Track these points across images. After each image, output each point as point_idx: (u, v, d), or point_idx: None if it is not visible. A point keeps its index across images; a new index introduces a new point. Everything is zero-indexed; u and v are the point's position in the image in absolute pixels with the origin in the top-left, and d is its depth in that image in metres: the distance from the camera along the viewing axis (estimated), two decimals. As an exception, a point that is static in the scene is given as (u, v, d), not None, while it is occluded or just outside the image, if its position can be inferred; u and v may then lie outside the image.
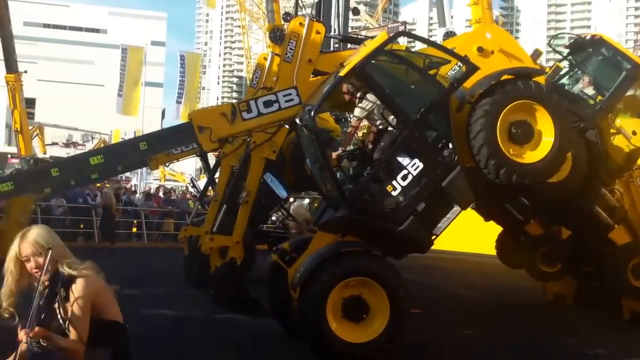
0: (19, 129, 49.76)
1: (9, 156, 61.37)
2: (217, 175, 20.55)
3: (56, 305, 4.97)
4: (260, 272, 16.17)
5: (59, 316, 4.99)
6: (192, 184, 35.18)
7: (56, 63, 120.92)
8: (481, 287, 22.06)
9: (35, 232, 4.98)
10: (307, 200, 29.63)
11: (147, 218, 32.80)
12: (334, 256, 11.55)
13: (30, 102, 74.13)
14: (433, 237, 11.74)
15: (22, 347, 4.62)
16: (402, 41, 14.34)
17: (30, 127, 54.86)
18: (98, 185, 35.71)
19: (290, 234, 21.21)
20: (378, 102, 11.97)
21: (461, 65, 12.13)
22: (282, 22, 44.13)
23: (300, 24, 15.20)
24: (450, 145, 11.41)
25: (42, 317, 4.86)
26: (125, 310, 5.19)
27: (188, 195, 38.46)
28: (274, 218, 28.37)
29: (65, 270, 4.94)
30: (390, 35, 12.03)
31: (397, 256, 12.32)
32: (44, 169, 14.45)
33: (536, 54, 14.28)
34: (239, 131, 13.87)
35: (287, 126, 14.39)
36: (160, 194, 37.73)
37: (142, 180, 60.84)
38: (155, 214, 33.82)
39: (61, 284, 4.91)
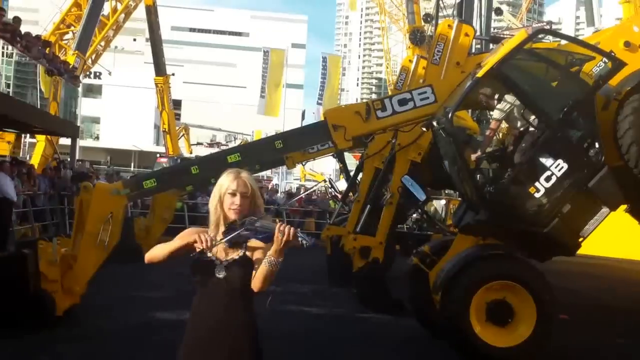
0: (166, 130, 51.73)
1: (158, 155, 63.57)
2: (357, 175, 20.64)
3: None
4: (399, 273, 16.07)
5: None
6: (329, 185, 35.38)
7: (201, 66, 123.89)
8: (635, 296, 21.22)
9: (249, 176, 5.02)
10: (443, 202, 29.30)
11: (289, 217, 33.15)
12: (475, 260, 11.43)
13: (177, 104, 76.25)
14: (580, 240, 11.30)
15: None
16: (550, 39, 13.88)
17: (177, 128, 56.55)
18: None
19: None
20: (517, 102, 11.71)
21: (606, 61, 11.67)
22: (423, 23, 44.26)
23: (449, 26, 14.96)
24: (597, 145, 10.98)
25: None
26: (269, 308, 5.19)
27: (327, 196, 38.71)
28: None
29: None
30: (529, 33, 11.73)
31: (541, 259, 12.02)
32: (184, 167, 14.76)
33: None
34: (373, 129, 13.73)
35: (424, 129, 14.23)
36: (302, 193, 38.14)
37: (283, 180, 61.63)
38: (297, 214, 34.17)
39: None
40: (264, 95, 62.71)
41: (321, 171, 63.91)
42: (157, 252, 4.95)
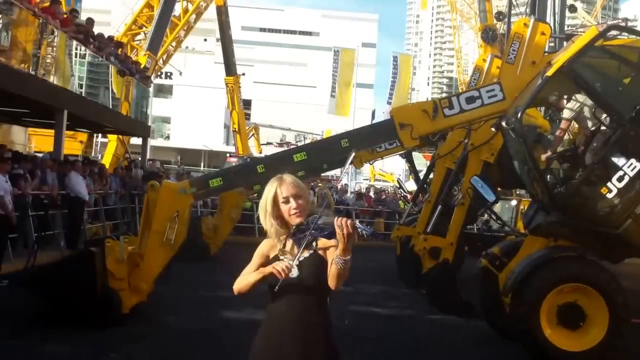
0: (236, 129, 52.05)
1: (227, 155, 63.94)
2: (428, 176, 20.49)
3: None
4: (467, 274, 15.91)
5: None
6: (398, 185, 35.25)
7: (271, 65, 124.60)
8: None
9: (292, 177, 4.95)
10: (514, 202, 28.90)
11: (358, 217, 33.08)
12: (546, 262, 11.24)
13: (247, 103, 76.62)
14: None
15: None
16: (627, 36, 13.53)
17: (246, 127, 56.90)
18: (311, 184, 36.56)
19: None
20: (587, 101, 11.46)
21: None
22: (494, 21, 43.74)
23: (525, 24, 14.70)
24: None
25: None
26: (338, 307, 5.11)
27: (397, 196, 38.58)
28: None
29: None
30: (600, 30, 11.45)
31: (614, 261, 11.76)
32: (251, 166, 14.81)
33: None
34: (440, 128, 13.57)
35: (493, 129, 14.01)
36: (371, 193, 38.06)
37: (352, 180, 61.58)
38: (367, 214, 34.10)
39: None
40: (334, 95, 62.76)
41: (391, 171, 63.80)
42: (242, 286, 4.87)
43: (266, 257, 4.87)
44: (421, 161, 33.62)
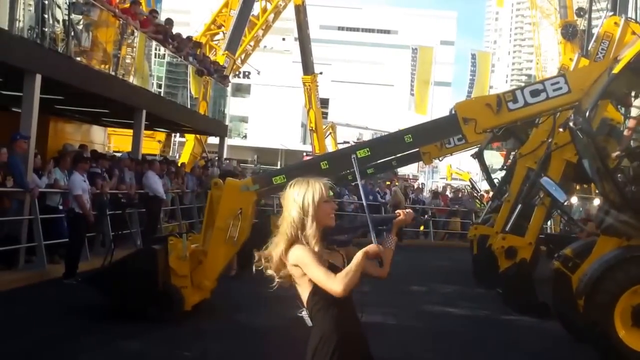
0: (313, 128, 52.15)
1: (304, 154, 64.09)
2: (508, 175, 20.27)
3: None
4: (543, 275, 15.72)
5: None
6: (471, 185, 34.98)
7: (349, 64, 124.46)
8: None
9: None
10: (597, 201, 28.38)
11: (434, 216, 32.95)
12: (619, 262, 11.04)
13: (324, 102, 76.78)
14: None
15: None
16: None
17: (323, 126, 56.98)
18: (388, 183, 36.46)
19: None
20: None
21: None
22: (575, 17, 42.99)
23: (615, 23, 14.43)
24: None
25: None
26: (413, 307, 5.09)
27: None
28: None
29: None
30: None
31: None
32: (314, 162, 14.74)
33: None
34: (505, 122, 13.31)
35: (561, 129, 13.81)
36: (448, 192, 37.82)
37: (429, 179, 61.33)
38: (443, 213, 33.94)
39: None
40: (413, 93, 62.53)
41: (467, 170, 63.23)
42: (351, 280, 4.61)
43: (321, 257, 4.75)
44: (498, 159, 33.20)
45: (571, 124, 11.96)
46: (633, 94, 11.90)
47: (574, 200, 23.35)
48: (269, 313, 13.65)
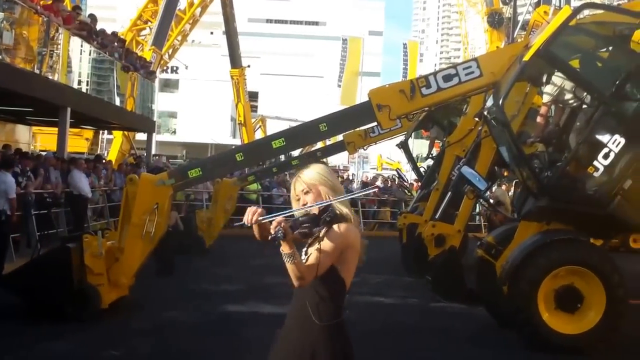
0: (242, 122, 52.07)
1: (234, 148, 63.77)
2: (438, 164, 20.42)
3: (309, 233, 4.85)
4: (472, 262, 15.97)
5: (305, 246, 4.83)
6: (398, 175, 35.21)
7: (278, 57, 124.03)
8: None
9: (306, 171, 4.87)
10: (502, 187, 28.78)
11: (364, 207, 33.02)
12: (539, 248, 11.24)
13: (254, 96, 76.44)
14: None
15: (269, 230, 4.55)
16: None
17: (253, 120, 56.90)
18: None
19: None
20: (565, 84, 11.49)
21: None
22: (501, 5, 43.63)
23: (545, 12, 14.63)
24: None
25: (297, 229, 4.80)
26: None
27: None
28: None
29: (338, 207, 4.77)
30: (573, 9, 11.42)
31: (607, 239, 11.82)
32: (229, 154, 14.59)
33: None
34: (418, 107, 13.52)
35: (477, 119, 14.01)
36: (379, 182, 37.95)
37: (360, 169, 61.53)
38: (372, 203, 34.05)
39: (327, 217, 4.73)
40: (340, 85, 62.67)
41: (398, 159, 63.59)
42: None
43: None
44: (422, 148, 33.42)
45: (485, 113, 12.14)
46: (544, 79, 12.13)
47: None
48: (196, 309, 13.66)
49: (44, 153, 25.17)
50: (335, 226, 4.71)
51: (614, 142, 10.67)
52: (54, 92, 21.25)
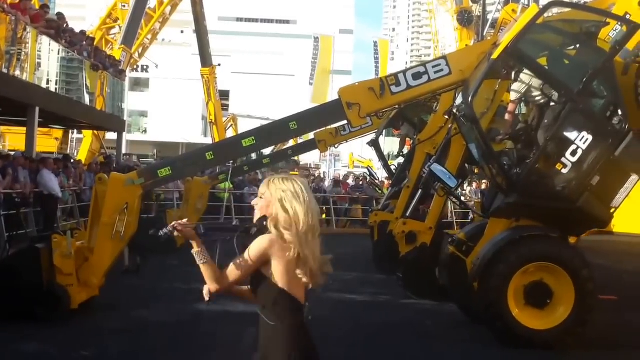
0: (213, 121, 51.89)
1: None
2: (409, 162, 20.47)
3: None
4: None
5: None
6: (369, 172, 35.31)
7: (249, 55, 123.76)
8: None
9: (276, 181, 4.87)
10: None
11: (336, 204, 33.07)
12: (509, 244, 11.34)
13: (225, 95, 76.33)
14: (612, 211, 11.34)
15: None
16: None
17: (224, 119, 56.77)
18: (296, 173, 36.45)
19: None
20: (533, 81, 11.59)
21: (621, 25, 11.47)
22: (470, 3, 43.96)
23: (513, 10, 14.72)
24: (620, 112, 10.93)
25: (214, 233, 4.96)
26: (314, 295, 5.13)
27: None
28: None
29: (268, 222, 4.80)
30: (540, 7, 11.55)
31: (577, 234, 11.93)
32: (199, 153, 14.59)
33: None
34: (388, 105, 13.60)
35: (446, 117, 14.08)
36: (350, 180, 38.02)
37: (332, 167, 61.57)
38: (344, 201, 34.11)
39: (253, 229, 4.84)
40: (312, 83, 62.66)
41: (369, 157, 63.72)
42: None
43: None
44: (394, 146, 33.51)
45: (454, 110, 12.20)
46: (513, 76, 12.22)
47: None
48: (168, 308, 13.62)
49: (12, 153, 24.93)
50: (258, 238, 4.78)
51: (581, 139, 10.80)
52: (22, 91, 21.10)
